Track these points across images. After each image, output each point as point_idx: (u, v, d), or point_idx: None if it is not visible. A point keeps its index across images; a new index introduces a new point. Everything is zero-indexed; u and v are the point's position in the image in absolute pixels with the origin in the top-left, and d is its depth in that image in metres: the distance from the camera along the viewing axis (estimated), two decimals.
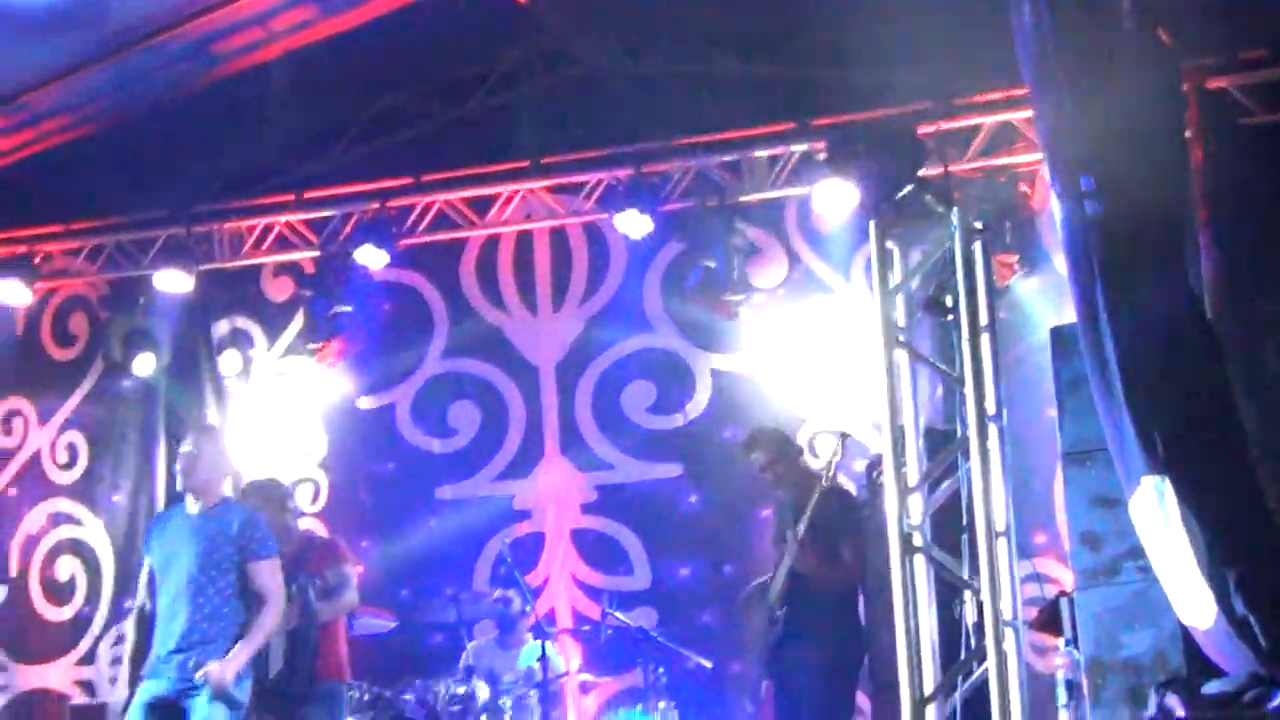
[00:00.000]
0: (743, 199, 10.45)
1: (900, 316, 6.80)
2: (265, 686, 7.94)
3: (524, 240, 11.27)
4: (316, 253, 11.16)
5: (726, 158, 10.40)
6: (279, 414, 11.49)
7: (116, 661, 11.38)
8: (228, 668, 7.09)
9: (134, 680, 8.72)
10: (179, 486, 7.61)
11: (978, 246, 6.77)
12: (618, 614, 9.84)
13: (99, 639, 11.46)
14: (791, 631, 7.75)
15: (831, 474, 7.83)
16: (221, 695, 7.06)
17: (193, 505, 7.47)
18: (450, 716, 9.43)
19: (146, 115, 10.62)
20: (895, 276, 6.85)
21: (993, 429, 6.61)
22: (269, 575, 7.38)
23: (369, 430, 11.36)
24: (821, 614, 7.68)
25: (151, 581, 7.78)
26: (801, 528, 7.54)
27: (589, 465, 10.98)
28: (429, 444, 11.26)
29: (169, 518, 7.79)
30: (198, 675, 7.08)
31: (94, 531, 11.61)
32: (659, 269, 10.96)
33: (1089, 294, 5.90)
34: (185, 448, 7.51)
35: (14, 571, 11.13)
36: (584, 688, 10.25)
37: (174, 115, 10.55)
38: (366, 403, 11.38)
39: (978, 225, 6.84)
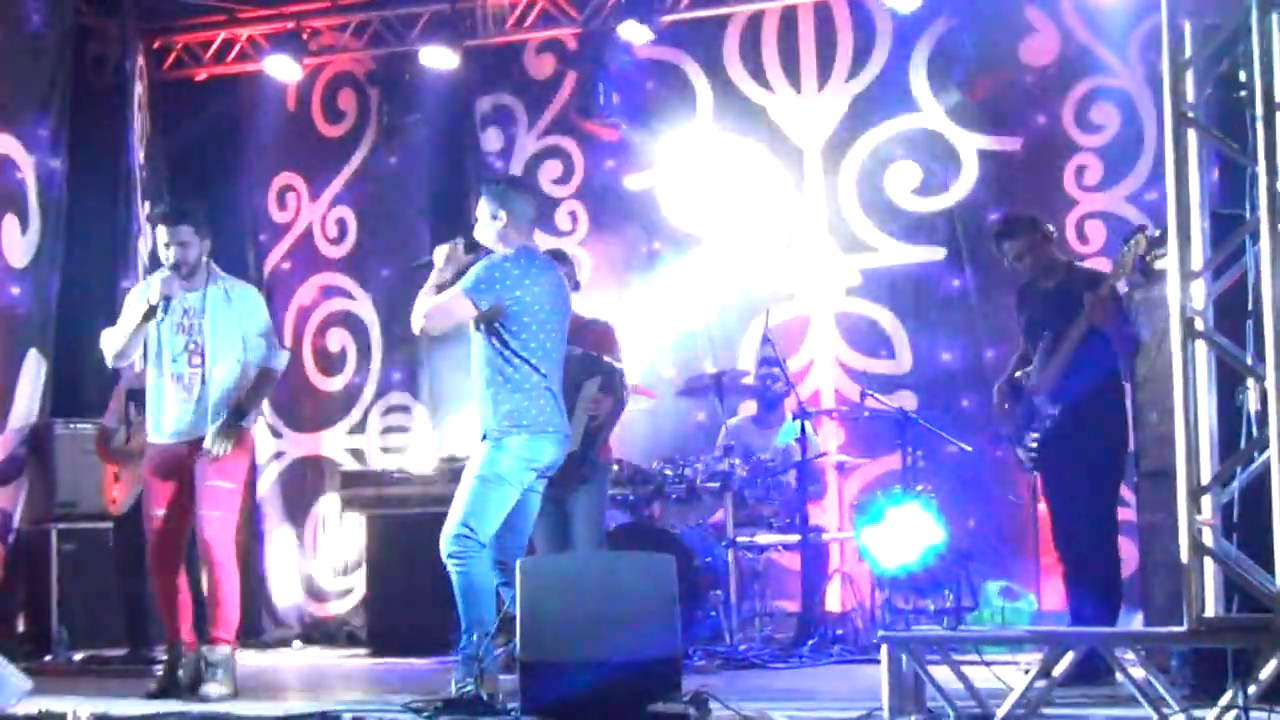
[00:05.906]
0: None
1: (1189, 93, 6.47)
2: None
3: (788, 16, 11.03)
4: (579, 29, 11.11)
5: None
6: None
7: (386, 431, 11.74)
8: None
9: None
10: None
11: (1275, 18, 6.40)
12: (877, 396, 9.80)
13: (369, 409, 11.80)
14: (1062, 425, 7.61)
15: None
16: None
17: None
18: (708, 493, 9.54)
19: None
20: (1186, 51, 6.51)
21: None
22: None
23: (631, 210, 11.35)
24: (1093, 405, 7.51)
25: None
26: (1104, 289, 7.38)
27: (852, 247, 10.86)
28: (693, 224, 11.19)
29: None
30: None
31: (363, 305, 11.87)
32: (926, 46, 10.66)
33: None
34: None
35: (289, 342, 11.41)
36: (842, 469, 10.24)
37: None
38: (632, 182, 11.34)
39: None
